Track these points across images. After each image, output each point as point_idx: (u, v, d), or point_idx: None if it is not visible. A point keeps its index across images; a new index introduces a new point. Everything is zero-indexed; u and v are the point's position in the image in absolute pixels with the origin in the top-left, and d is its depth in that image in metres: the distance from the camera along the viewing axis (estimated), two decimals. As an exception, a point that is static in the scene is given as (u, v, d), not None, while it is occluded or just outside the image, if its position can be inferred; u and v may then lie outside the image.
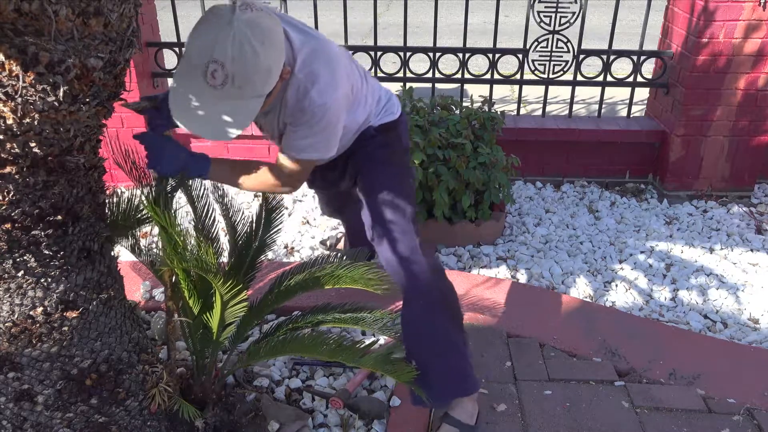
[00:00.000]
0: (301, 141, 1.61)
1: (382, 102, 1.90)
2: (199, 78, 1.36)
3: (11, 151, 1.29)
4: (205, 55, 1.34)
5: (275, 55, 1.40)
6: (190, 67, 1.37)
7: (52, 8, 1.17)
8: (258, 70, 1.37)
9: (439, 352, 1.84)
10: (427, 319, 1.83)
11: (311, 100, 1.54)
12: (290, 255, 2.94)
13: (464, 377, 1.87)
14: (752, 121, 3.27)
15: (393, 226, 1.81)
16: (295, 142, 1.62)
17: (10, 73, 1.19)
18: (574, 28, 3.30)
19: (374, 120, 1.87)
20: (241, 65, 1.34)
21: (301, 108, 1.56)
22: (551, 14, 3.29)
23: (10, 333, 1.45)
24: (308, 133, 1.59)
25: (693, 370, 2.17)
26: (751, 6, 2.99)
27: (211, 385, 1.81)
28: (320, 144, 1.63)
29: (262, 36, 1.35)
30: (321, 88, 1.54)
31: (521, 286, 2.61)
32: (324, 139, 1.62)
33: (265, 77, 1.41)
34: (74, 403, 1.53)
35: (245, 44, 1.33)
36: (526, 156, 3.37)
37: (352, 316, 1.92)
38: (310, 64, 1.55)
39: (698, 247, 3.01)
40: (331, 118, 1.59)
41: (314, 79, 1.54)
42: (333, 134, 1.64)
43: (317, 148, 1.63)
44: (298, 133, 1.60)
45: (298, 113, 1.57)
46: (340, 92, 1.59)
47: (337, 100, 1.58)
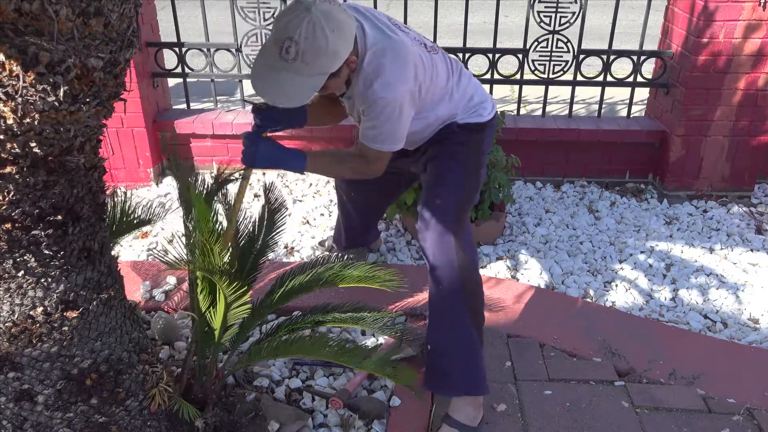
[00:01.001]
0: (369, 131, 1.79)
1: (474, 101, 2.00)
2: (276, 52, 1.58)
3: (11, 151, 1.29)
4: (283, 33, 1.56)
5: (342, 43, 1.61)
6: (271, 43, 1.60)
7: (52, 8, 1.17)
8: (325, 52, 1.58)
9: (463, 345, 1.90)
10: (460, 311, 1.90)
11: (374, 91, 1.71)
12: (290, 255, 2.94)
13: (479, 377, 1.91)
14: (752, 121, 3.27)
15: (447, 218, 1.90)
16: (366, 132, 1.81)
17: (11, 73, 1.19)
18: (574, 28, 3.30)
19: (460, 117, 1.97)
20: (311, 44, 1.56)
21: (366, 98, 1.74)
22: (551, 14, 3.29)
23: (10, 333, 1.45)
24: (373, 123, 1.77)
25: (693, 370, 2.17)
26: (751, 6, 2.99)
27: (212, 385, 1.81)
28: (384, 136, 1.79)
29: (333, 24, 1.57)
30: (384, 82, 1.70)
31: (521, 286, 2.61)
32: (387, 131, 1.78)
33: (331, 59, 1.61)
34: (74, 403, 1.53)
35: (317, 28, 1.55)
36: (526, 156, 3.37)
37: (352, 316, 1.92)
38: (378, 59, 1.71)
39: (698, 247, 3.01)
40: (392, 112, 1.74)
41: (379, 73, 1.71)
42: (396, 128, 1.78)
43: (383, 139, 1.80)
44: (367, 123, 1.79)
45: (365, 103, 1.75)
46: (404, 89, 1.73)
47: (399, 95, 1.72)
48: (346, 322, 1.93)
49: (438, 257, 1.89)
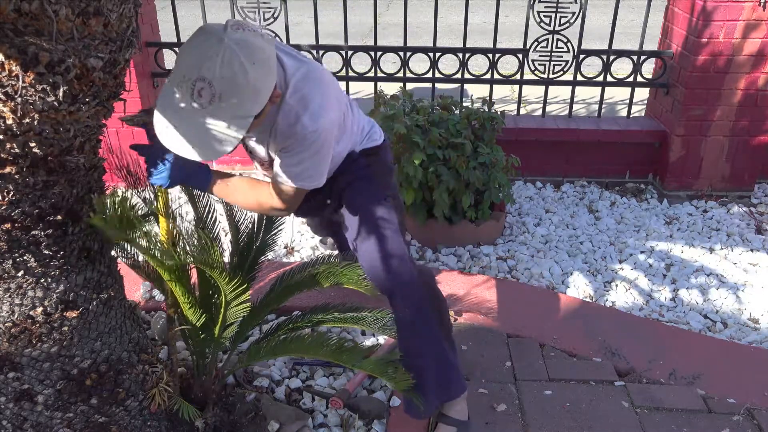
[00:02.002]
0: (293, 168, 1.59)
1: (365, 130, 1.90)
2: (186, 96, 1.33)
3: (11, 151, 1.29)
4: (192, 73, 1.30)
5: (265, 76, 1.37)
6: (178, 85, 1.34)
7: (52, 8, 1.17)
8: (246, 90, 1.34)
9: (428, 358, 1.84)
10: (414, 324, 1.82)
11: (303, 125, 1.52)
12: (290, 255, 2.94)
13: (448, 383, 1.88)
14: (752, 121, 3.27)
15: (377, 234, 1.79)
16: (288, 169, 1.60)
17: (10, 73, 1.19)
18: (574, 28, 3.30)
19: (358, 147, 1.87)
20: (229, 84, 1.31)
21: (292, 133, 1.54)
22: (551, 14, 3.28)
23: (10, 333, 1.45)
24: (300, 159, 1.57)
25: (693, 370, 2.17)
26: (750, 6, 2.99)
27: (212, 385, 1.81)
28: (312, 171, 1.61)
29: (252, 56, 1.32)
30: (313, 113, 1.52)
31: (521, 286, 2.61)
32: (315, 164, 1.60)
33: (254, 97, 1.37)
34: (74, 403, 1.53)
35: (234, 62, 1.30)
36: (526, 156, 3.37)
37: (352, 315, 1.92)
38: (301, 88, 1.53)
39: (698, 247, 3.01)
40: (323, 143, 1.57)
41: (306, 104, 1.52)
42: (324, 160, 1.62)
43: (309, 176, 1.61)
44: (291, 160, 1.58)
45: (289, 139, 1.55)
46: (332, 116, 1.58)
47: (329, 124, 1.57)
48: (346, 322, 1.93)
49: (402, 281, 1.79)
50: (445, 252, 2.94)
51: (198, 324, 1.68)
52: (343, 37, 3.39)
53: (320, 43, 3.40)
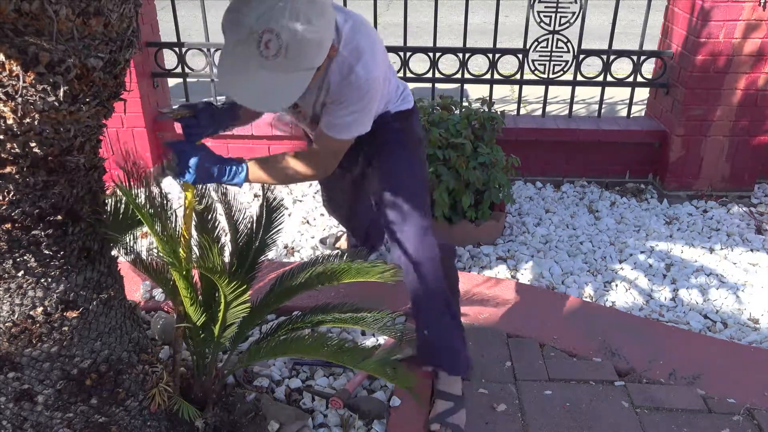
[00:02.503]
0: (347, 118, 1.62)
1: (400, 90, 1.94)
2: (252, 47, 1.34)
3: (11, 151, 1.29)
4: (260, 25, 1.32)
5: (328, 30, 1.41)
6: (243, 37, 1.34)
7: (52, 8, 1.17)
8: (312, 44, 1.37)
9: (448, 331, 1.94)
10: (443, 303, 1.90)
11: (357, 75, 1.56)
12: (290, 255, 2.94)
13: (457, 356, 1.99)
14: (752, 121, 3.27)
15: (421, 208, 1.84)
16: (340, 120, 1.63)
17: (10, 73, 1.19)
18: (574, 28, 3.30)
19: (392, 106, 1.89)
20: (296, 37, 1.33)
21: (347, 84, 1.57)
22: (551, 14, 3.28)
23: (10, 333, 1.45)
24: (353, 109, 1.61)
25: (693, 370, 2.17)
26: (750, 6, 2.99)
27: (212, 385, 1.81)
28: (361, 119, 1.65)
29: (317, 9, 1.36)
30: (365, 63, 1.57)
31: (521, 286, 2.61)
32: (365, 114, 1.64)
33: (317, 51, 1.40)
34: (74, 403, 1.53)
35: (301, 16, 1.33)
36: (526, 156, 3.37)
37: (352, 316, 1.92)
38: (352, 40, 1.57)
39: (698, 247, 3.01)
40: (375, 93, 1.62)
41: (359, 55, 1.56)
42: (372, 110, 1.66)
43: (359, 125, 1.65)
44: (343, 111, 1.61)
45: (344, 89, 1.58)
46: (382, 66, 1.62)
47: (380, 73, 1.61)
48: (346, 322, 1.93)
49: (421, 252, 1.84)
50: (445, 252, 2.94)
51: (198, 323, 1.68)
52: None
53: (320, 43, 3.40)
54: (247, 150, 3.56)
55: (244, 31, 1.34)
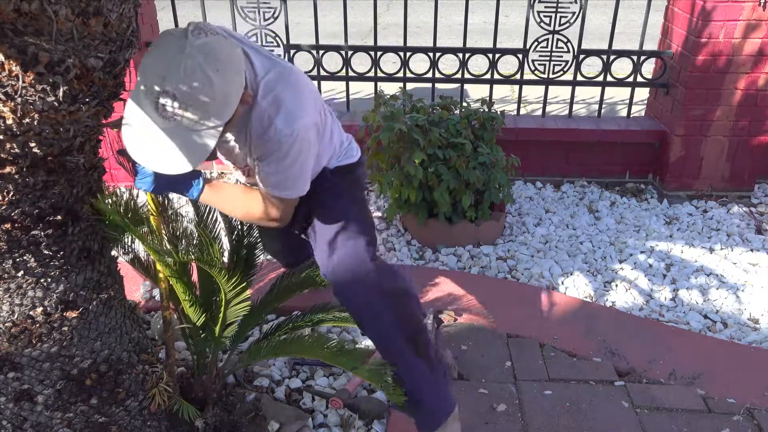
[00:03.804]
0: (273, 177, 1.51)
1: (345, 144, 1.81)
2: (151, 108, 1.27)
3: (11, 151, 1.29)
4: (155, 85, 1.25)
5: (232, 81, 1.31)
6: (142, 98, 1.28)
7: (51, 8, 1.17)
8: (213, 100, 1.28)
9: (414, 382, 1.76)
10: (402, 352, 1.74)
11: (277, 129, 1.44)
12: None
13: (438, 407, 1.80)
14: (752, 121, 3.27)
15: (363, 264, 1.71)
16: (267, 178, 1.52)
17: (10, 73, 1.19)
18: (574, 28, 3.30)
19: (334, 162, 1.77)
20: (193, 96, 1.25)
21: (267, 138, 1.45)
22: (551, 14, 3.28)
23: (10, 333, 1.45)
24: (278, 167, 1.49)
25: (693, 370, 2.17)
26: (750, 6, 2.99)
27: (212, 385, 1.81)
28: (293, 179, 1.52)
29: (216, 62, 1.27)
30: (287, 115, 1.44)
31: (521, 286, 2.61)
32: (296, 172, 1.51)
33: (222, 106, 1.30)
34: (74, 403, 1.53)
35: (197, 72, 1.24)
36: (526, 156, 3.37)
37: (352, 315, 1.92)
38: (272, 89, 1.45)
39: (698, 247, 3.01)
40: (301, 148, 1.48)
41: (279, 106, 1.44)
42: (305, 167, 1.53)
43: (291, 185, 1.53)
44: (269, 168, 1.50)
45: (265, 144, 1.46)
46: (308, 119, 1.49)
47: (305, 126, 1.47)
48: (347, 322, 1.93)
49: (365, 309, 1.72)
50: (445, 252, 2.94)
51: (198, 323, 1.68)
52: (343, 37, 3.39)
53: (320, 43, 3.40)
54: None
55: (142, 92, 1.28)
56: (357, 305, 1.74)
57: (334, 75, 3.48)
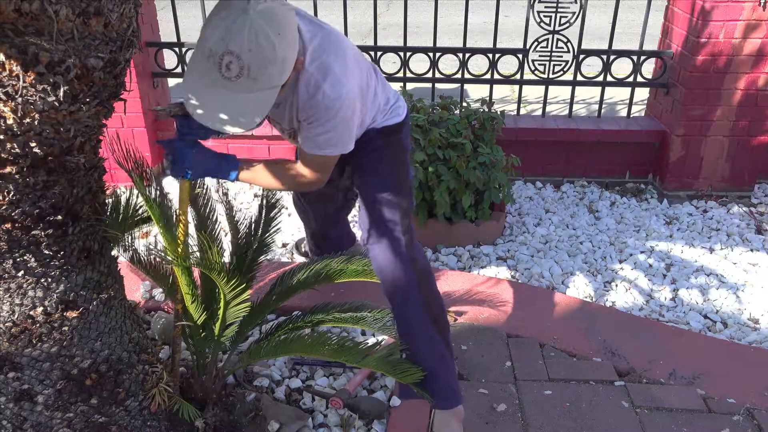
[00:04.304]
0: (319, 137, 1.58)
1: (391, 102, 1.85)
2: (214, 69, 1.33)
3: (11, 151, 1.29)
4: (220, 46, 1.31)
5: (290, 46, 1.38)
6: (205, 58, 1.33)
7: (52, 8, 1.17)
8: (274, 62, 1.34)
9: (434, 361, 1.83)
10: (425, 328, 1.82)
11: (324, 94, 1.50)
12: (292, 256, 2.94)
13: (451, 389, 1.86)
14: (752, 121, 3.27)
15: (396, 231, 1.79)
16: (314, 138, 1.59)
17: (11, 73, 1.19)
18: (574, 28, 3.30)
19: (380, 120, 1.81)
20: (257, 57, 1.31)
21: (315, 103, 1.52)
22: (551, 14, 3.28)
23: (10, 333, 1.45)
24: (325, 128, 1.56)
25: (693, 370, 2.17)
26: (750, 6, 2.99)
27: (212, 385, 1.81)
28: (338, 138, 1.59)
29: (278, 26, 1.33)
30: (334, 81, 1.50)
31: (521, 286, 2.61)
32: (341, 132, 1.58)
33: (281, 69, 1.37)
34: (74, 403, 1.53)
35: (261, 35, 1.30)
36: (526, 156, 3.37)
37: (352, 315, 1.92)
38: (320, 55, 1.51)
39: (698, 247, 3.01)
40: (347, 111, 1.55)
41: (326, 72, 1.50)
42: (350, 127, 1.60)
43: (336, 143, 1.59)
44: (315, 130, 1.57)
45: (312, 108, 1.53)
46: (354, 83, 1.55)
47: (350, 91, 1.54)
48: (347, 322, 1.93)
49: (396, 277, 1.79)
50: (445, 252, 2.94)
51: (199, 321, 1.68)
52: (343, 37, 3.39)
53: (320, 43, 3.40)
54: (248, 150, 3.56)
55: (205, 53, 1.33)
56: (390, 277, 1.80)
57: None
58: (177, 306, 1.71)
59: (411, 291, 1.81)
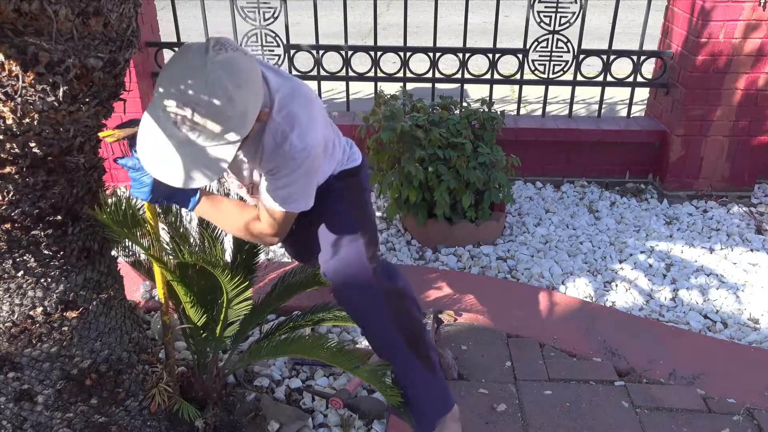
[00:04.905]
0: (281, 191, 1.52)
1: (347, 152, 1.82)
2: (169, 123, 1.25)
3: (11, 151, 1.29)
4: (175, 100, 1.24)
5: (251, 98, 1.31)
6: (161, 111, 1.26)
7: (51, 8, 1.17)
8: (233, 115, 1.27)
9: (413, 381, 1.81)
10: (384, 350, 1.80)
11: (291, 144, 1.45)
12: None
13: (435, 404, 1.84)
14: (752, 121, 3.26)
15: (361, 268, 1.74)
16: (275, 192, 1.53)
17: (10, 73, 1.19)
18: (574, 28, 3.30)
19: (338, 168, 1.78)
20: (214, 111, 1.24)
21: (281, 153, 1.47)
22: (551, 14, 3.28)
23: (10, 333, 1.45)
24: (287, 181, 1.51)
25: (693, 370, 2.17)
26: (750, 6, 2.99)
27: (212, 385, 1.81)
28: (300, 192, 1.54)
29: (237, 78, 1.26)
30: (301, 131, 1.46)
31: (521, 286, 2.61)
32: (303, 186, 1.54)
33: (240, 122, 1.30)
34: (74, 403, 1.53)
35: (218, 88, 1.24)
36: (526, 156, 3.37)
37: (352, 315, 1.92)
38: (287, 105, 1.47)
39: (698, 247, 3.01)
40: (312, 163, 1.51)
41: (293, 122, 1.46)
42: (312, 181, 1.57)
43: (298, 198, 1.55)
44: (278, 182, 1.51)
45: (278, 158, 1.48)
46: (319, 134, 1.51)
47: (316, 143, 1.50)
48: (347, 321, 1.93)
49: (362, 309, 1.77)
50: (445, 252, 2.94)
51: (199, 323, 1.69)
52: (343, 37, 3.39)
53: (320, 43, 3.40)
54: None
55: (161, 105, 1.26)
56: (354, 305, 1.78)
57: (334, 75, 3.48)
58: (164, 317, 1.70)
59: (375, 315, 1.76)
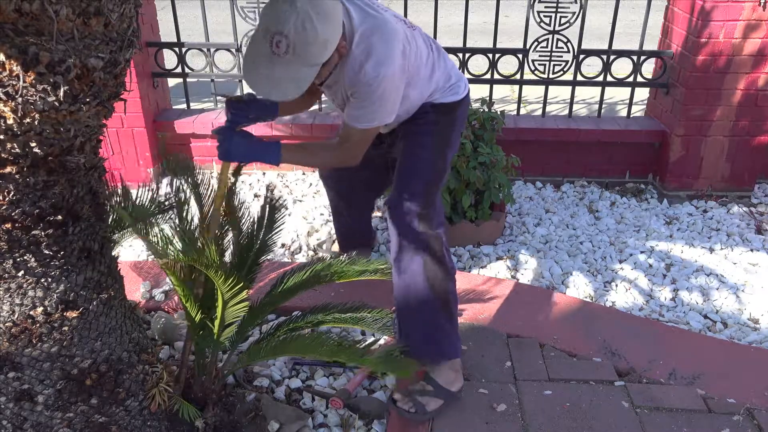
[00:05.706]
0: (357, 111, 1.80)
1: (452, 80, 2.03)
2: (267, 46, 1.59)
3: (11, 151, 1.29)
4: (272, 26, 1.57)
5: (332, 31, 1.62)
6: (260, 37, 1.61)
7: (52, 8, 1.17)
8: (316, 43, 1.59)
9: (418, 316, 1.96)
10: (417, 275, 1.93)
11: (365, 73, 1.72)
12: (292, 256, 2.94)
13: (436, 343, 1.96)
14: (752, 121, 3.27)
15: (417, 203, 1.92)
16: (353, 112, 1.81)
17: (11, 73, 1.19)
18: (574, 28, 3.30)
19: (437, 96, 2.00)
20: (301, 38, 1.57)
21: (357, 80, 1.74)
22: (551, 14, 3.29)
23: (10, 333, 1.45)
24: (364, 103, 1.78)
25: (693, 370, 2.17)
26: (750, 6, 2.99)
27: (212, 385, 1.81)
28: (375, 113, 1.80)
29: (320, 13, 1.57)
30: (375, 62, 1.71)
31: (521, 286, 2.61)
32: (379, 107, 1.79)
33: (322, 49, 1.62)
34: (74, 403, 1.53)
35: (306, 20, 1.55)
36: (526, 156, 3.37)
37: (352, 316, 1.92)
38: (365, 39, 1.72)
39: (698, 247, 3.01)
40: (386, 89, 1.75)
41: (369, 53, 1.72)
42: (387, 103, 1.80)
43: (373, 117, 1.80)
44: (356, 104, 1.79)
45: (356, 85, 1.75)
46: (395, 66, 1.75)
47: (392, 73, 1.74)
48: (346, 322, 1.93)
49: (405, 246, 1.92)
50: (445, 252, 2.93)
51: (196, 319, 1.68)
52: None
53: (320, 43, 3.40)
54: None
55: (261, 30, 1.61)
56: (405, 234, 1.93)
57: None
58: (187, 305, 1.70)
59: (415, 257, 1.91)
